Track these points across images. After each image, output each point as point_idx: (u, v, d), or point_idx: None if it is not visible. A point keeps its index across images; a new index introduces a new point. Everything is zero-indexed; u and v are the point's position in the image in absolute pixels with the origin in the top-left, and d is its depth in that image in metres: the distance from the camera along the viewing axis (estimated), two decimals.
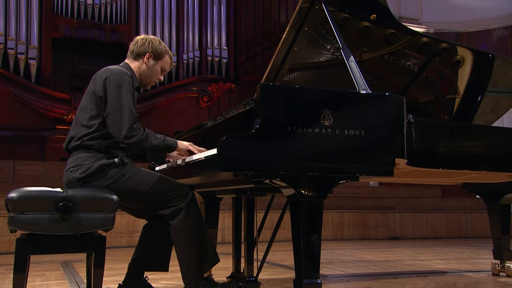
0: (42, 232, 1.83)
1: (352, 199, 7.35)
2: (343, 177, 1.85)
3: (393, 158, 1.87)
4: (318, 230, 1.79)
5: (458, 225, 7.47)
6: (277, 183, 1.79)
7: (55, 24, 9.08)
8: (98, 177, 2.00)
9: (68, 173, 2.03)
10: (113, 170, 2.03)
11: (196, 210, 2.11)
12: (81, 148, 2.04)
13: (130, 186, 2.03)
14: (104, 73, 2.07)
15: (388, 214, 7.14)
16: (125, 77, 2.04)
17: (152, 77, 2.22)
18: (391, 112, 1.89)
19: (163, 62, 2.21)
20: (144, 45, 2.18)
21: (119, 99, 1.99)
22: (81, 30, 9.26)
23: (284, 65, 2.58)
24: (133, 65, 2.19)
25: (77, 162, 2.02)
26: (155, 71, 2.21)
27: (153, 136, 2.04)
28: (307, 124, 1.74)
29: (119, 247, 5.35)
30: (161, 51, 2.20)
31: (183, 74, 9.63)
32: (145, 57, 2.18)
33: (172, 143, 2.11)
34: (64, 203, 1.84)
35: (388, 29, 2.44)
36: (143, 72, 2.19)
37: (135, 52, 2.19)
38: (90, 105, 2.06)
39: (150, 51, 2.18)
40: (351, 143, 1.80)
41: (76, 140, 2.05)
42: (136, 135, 1.99)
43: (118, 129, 1.98)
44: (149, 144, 2.01)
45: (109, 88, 2.00)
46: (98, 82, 2.05)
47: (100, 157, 2.03)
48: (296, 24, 2.40)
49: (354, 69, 2.04)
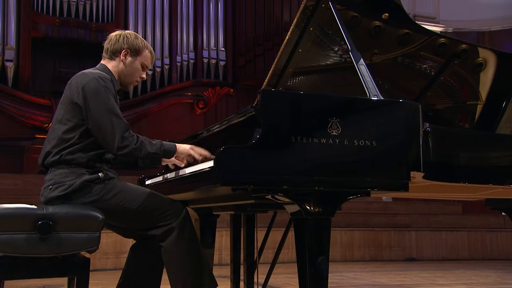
0: (19, 254, 1.82)
1: (363, 216, 7.33)
2: (352, 192, 1.85)
3: (408, 171, 1.87)
4: (325, 250, 1.79)
5: (481, 245, 7.45)
6: (280, 198, 1.79)
7: (35, 23, 9.15)
8: (81, 195, 1.99)
9: (47, 191, 2.02)
10: (97, 186, 2.02)
11: (190, 229, 2.10)
12: (60, 164, 2.02)
13: (116, 203, 2.02)
14: (80, 79, 2.05)
15: (403, 233, 7.12)
16: (106, 82, 2.03)
17: (133, 76, 2.20)
18: (406, 121, 1.90)
19: (142, 57, 2.19)
20: (118, 42, 2.16)
21: (103, 108, 1.98)
22: (63, 30, 9.32)
23: (287, 69, 2.58)
24: (110, 65, 2.18)
25: (57, 179, 2.01)
26: (135, 68, 2.18)
27: (148, 143, 2.02)
28: (313, 133, 1.75)
29: (105, 269, 5.34)
30: (139, 46, 2.18)
31: (177, 78, 9.67)
32: (122, 55, 2.16)
33: (170, 148, 2.08)
34: (43, 221, 1.84)
35: (401, 29, 2.45)
36: (122, 71, 2.17)
37: (110, 51, 2.17)
38: (67, 115, 2.04)
39: (126, 47, 2.16)
40: (362, 155, 1.81)
41: (54, 155, 2.03)
42: (129, 145, 1.97)
43: (109, 141, 1.97)
44: (144, 153, 2.00)
45: (89, 97, 1.99)
46: (75, 90, 2.03)
47: (82, 173, 2.01)
48: (300, 24, 2.41)
49: (364, 73, 2.05)
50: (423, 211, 7.92)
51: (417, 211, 7.90)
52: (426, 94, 2.69)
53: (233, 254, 2.76)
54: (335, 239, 6.51)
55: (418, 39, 2.50)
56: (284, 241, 2.52)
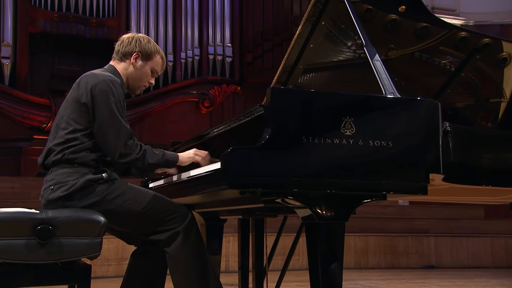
0: (17, 261, 1.84)
1: (378, 221, 7.30)
2: (367, 196, 1.85)
3: (427, 173, 1.86)
4: (339, 257, 1.79)
5: (506, 252, 7.38)
6: (290, 202, 1.79)
7: (33, 18, 9.20)
8: (83, 195, 2.01)
9: (47, 192, 2.04)
10: (101, 187, 2.04)
11: (196, 234, 2.12)
12: (63, 163, 2.05)
13: (120, 204, 2.04)
14: (90, 79, 2.09)
15: (421, 239, 7.08)
16: (116, 86, 2.08)
17: (141, 80, 2.25)
18: (424, 119, 1.89)
19: (153, 62, 2.24)
20: (130, 44, 2.22)
21: (110, 112, 2.03)
22: (62, 25, 9.38)
23: (298, 65, 2.59)
24: (119, 67, 2.22)
25: (59, 179, 2.03)
26: (144, 73, 2.24)
27: (151, 153, 2.07)
28: (325, 133, 1.75)
29: (106, 277, 5.36)
30: (151, 51, 2.23)
31: (181, 75, 9.69)
32: (132, 57, 2.21)
33: (172, 158, 2.13)
34: (43, 226, 1.85)
35: (419, 23, 2.44)
36: (131, 74, 2.22)
37: (121, 52, 2.22)
38: (73, 115, 2.08)
39: (137, 50, 2.21)
40: (377, 156, 1.81)
41: (56, 153, 2.06)
42: (132, 153, 2.02)
43: (112, 147, 2.02)
44: (146, 163, 2.05)
45: (98, 98, 2.03)
46: (84, 90, 2.07)
47: (86, 172, 2.04)
48: (312, 18, 2.42)
49: (379, 69, 2.05)
50: (443, 216, 7.87)
51: (436, 215, 7.85)
52: (445, 91, 2.68)
53: (241, 260, 2.76)
54: (348, 245, 6.49)
55: (437, 33, 2.49)
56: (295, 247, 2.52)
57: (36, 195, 2.14)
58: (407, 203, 8.30)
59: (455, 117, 2.75)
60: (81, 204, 2.01)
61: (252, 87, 9.97)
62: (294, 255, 2.65)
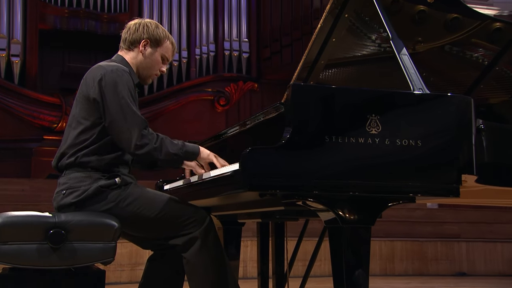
0: (29, 266, 1.86)
1: (406, 224, 7.24)
2: (394, 198, 1.84)
3: (459, 174, 1.84)
4: (364, 263, 1.78)
5: None
6: (312, 205, 1.79)
7: (43, 14, 9.35)
8: (95, 201, 2.03)
9: (59, 196, 2.07)
10: (113, 192, 2.05)
11: (215, 238, 2.12)
12: (76, 166, 2.07)
13: (133, 211, 2.05)
14: (96, 72, 2.08)
15: (451, 244, 7.00)
16: (124, 75, 2.06)
17: (152, 68, 2.23)
18: (455, 117, 1.87)
19: (163, 49, 2.22)
20: (138, 31, 2.19)
21: (120, 102, 2.01)
22: (73, 21, 9.50)
23: (319, 61, 2.59)
24: (127, 57, 2.21)
25: (71, 183, 2.05)
26: (155, 60, 2.21)
27: (170, 143, 2.03)
28: (349, 132, 1.74)
29: (119, 283, 5.42)
30: (160, 36, 2.20)
31: (195, 72, 9.74)
32: (141, 45, 2.19)
33: (193, 150, 2.08)
34: (55, 230, 1.88)
35: (449, 13, 2.42)
36: (140, 63, 2.20)
37: (128, 41, 2.20)
38: (82, 112, 2.08)
39: (146, 37, 2.18)
40: (405, 156, 1.79)
41: (69, 156, 2.08)
42: (149, 143, 1.99)
43: (126, 139, 2.00)
44: (164, 154, 2.00)
45: (106, 90, 2.02)
46: (91, 84, 2.07)
47: (98, 177, 2.05)
48: (334, 10, 2.41)
49: (407, 64, 2.03)
50: (475, 219, 7.77)
51: (468, 219, 7.75)
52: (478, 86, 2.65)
53: (260, 266, 2.76)
54: (374, 250, 6.45)
55: (469, 24, 2.46)
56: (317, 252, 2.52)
57: (47, 198, 2.18)
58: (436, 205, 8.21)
59: (489, 114, 2.72)
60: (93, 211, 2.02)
61: (270, 84, 9.98)
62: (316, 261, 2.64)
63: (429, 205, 8.10)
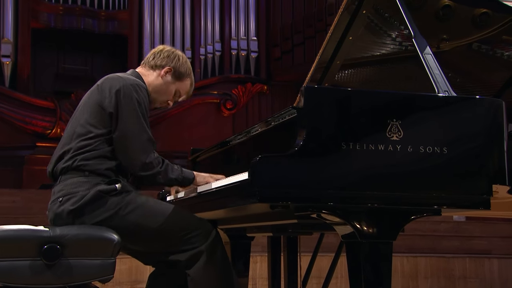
0: (21, 285, 1.86)
1: (430, 239, 7.20)
2: (418, 210, 1.83)
3: (490, 184, 1.83)
4: (385, 281, 1.77)
5: None
6: (327, 217, 1.79)
7: (35, 12, 9.41)
8: (94, 208, 2.04)
9: (55, 205, 2.08)
10: (113, 199, 2.07)
11: (222, 253, 2.13)
12: (73, 170, 2.09)
13: (134, 220, 2.07)
14: (114, 82, 2.16)
15: (481, 260, 6.94)
16: (142, 91, 2.17)
17: (163, 96, 2.35)
18: (485, 121, 1.86)
19: (181, 84, 2.37)
20: (167, 57, 2.34)
21: (136, 119, 2.10)
22: (68, 19, 9.56)
23: (335, 61, 2.59)
24: (146, 74, 2.33)
25: (68, 189, 2.07)
26: (169, 90, 2.35)
27: (171, 168, 2.15)
28: (368, 138, 1.74)
29: None
30: (184, 72, 2.36)
31: (200, 73, 9.76)
32: (164, 70, 2.32)
33: (189, 176, 2.19)
34: (50, 245, 1.88)
35: (477, 8, 2.42)
36: (155, 86, 2.32)
37: (154, 61, 2.34)
38: (92, 119, 2.13)
39: (172, 65, 2.32)
40: (429, 164, 1.78)
41: (66, 160, 2.11)
42: (156, 167, 2.10)
43: (134, 158, 2.09)
44: (167, 178, 2.13)
45: (123, 103, 2.11)
46: (107, 94, 2.14)
47: (97, 182, 2.08)
48: (351, 6, 2.42)
49: (431, 63, 2.03)
50: (507, 234, 7.69)
51: (499, 233, 7.68)
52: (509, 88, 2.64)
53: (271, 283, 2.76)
54: (395, 267, 6.41)
55: (499, 19, 2.46)
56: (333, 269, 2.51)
57: (39, 210, 2.19)
58: (463, 218, 8.15)
59: None
60: (92, 221, 2.04)
61: (280, 86, 9.99)
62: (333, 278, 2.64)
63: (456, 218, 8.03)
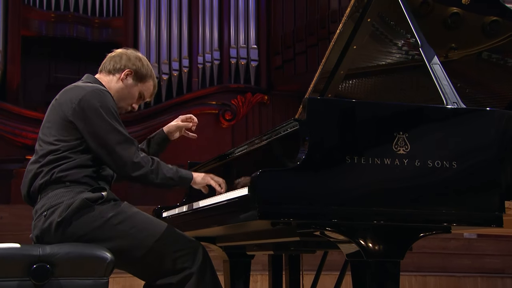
0: None
1: (440, 257, 7.17)
2: (426, 228, 1.83)
3: (501, 200, 1.83)
4: None
5: None
6: (331, 235, 1.78)
7: (26, 19, 9.45)
8: (83, 216, 2.03)
9: (40, 221, 2.06)
10: (102, 207, 2.06)
11: (212, 274, 2.13)
12: (52, 184, 2.08)
13: (125, 230, 2.06)
14: (73, 93, 2.15)
15: (494, 280, 6.92)
16: (106, 95, 2.15)
17: (126, 100, 2.32)
18: (496, 134, 1.87)
19: (144, 86, 2.34)
20: (125, 59, 2.31)
21: (107, 124, 2.08)
22: (60, 27, 9.61)
23: (338, 70, 2.59)
24: (104, 80, 2.30)
25: (51, 202, 2.06)
26: (132, 93, 2.32)
27: (165, 166, 2.13)
28: (374, 152, 1.74)
29: None
30: (146, 73, 2.33)
31: (198, 83, 9.78)
32: (123, 73, 2.29)
33: (187, 175, 2.18)
34: (39, 265, 1.87)
35: (487, 16, 2.43)
36: (116, 90, 2.29)
37: (112, 65, 2.31)
38: (59, 134, 2.12)
39: (132, 67, 2.30)
40: (437, 179, 1.79)
41: (43, 176, 2.09)
42: (145, 166, 2.08)
43: (120, 161, 2.07)
44: (161, 177, 2.10)
45: (88, 112, 2.09)
46: (69, 106, 2.12)
47: (80, 190, 2.07)
48: (355, 14, 2.42)
49: (438, 74, 2.03)
50: None
51: None
52: None
53: None
54: (403, 286, 6.39)
55: (511, 28, 2.46)
56: None
57: (28, 227, 2.17)
58: (474, 235, 8.11)
59: None
60: (82, 231, 2.03)
61: (281, 96, 9.99)
62: None
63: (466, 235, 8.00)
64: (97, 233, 2.04)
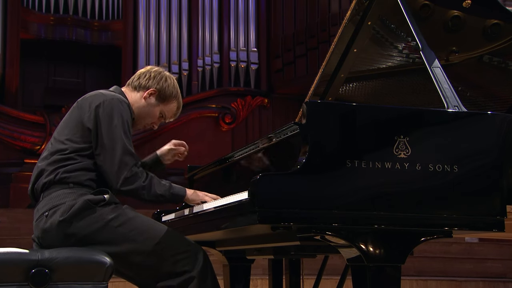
0: None
1: (441, 261, 7.17)
2: (427, 232, 1.83)
3: (503, 204, 1.83)
4: None
5: None
6: (332, 239, 1.78)
7: (25, 22, 9.47)
8: (84, 218, 2.04)
9: (41, 221, 2.07)
10: (103, 210, 2.08)
11: (213, 279, 2.12)
12: (55, 184, 2.10)
13: (125, 233, 2.07)
14: (95, 98, 2.19)
15: (496, 284, 6.91)
16: (124, 106, 2.18)
17: (146, 118, 2.36)
18: (497, 138, 1.87)
19: (166, 106, 2.37)
20: (154, 79, 2.34)
21: (116, 133, 2.11)
22: (59, 29, 9.62)
23: (339, 74, 2.60)
24: (129, 95, 2.33)
25: (53, 202, 2.07)
26: (153, 112, 2.35)
27: (157, 183, 2.15)
28: (374, 156, 1.74)
29: None
30: (169, 94, 2.36)
31: (198, 86, 9.79)
32: (147, 92, 2.32)
33: (180, 192, 2.20)
34: (38, 269, 1.87)
35: (489, 19, 2.43)
36: (138, 107, 2.33)
37: (138, 82, 2.35)
38: (72, 135, 2.15)
39: (156, 87, 2.33)
40: (438, 183, 1.79)
41: (47, 175, 2.12)
42: (137, 181, 2.09)
43: (114, 173, 2.09)
44: (151, 194, 2.12)
45: (102, 118, 2.13)
46: (86, 109, 2.16)
47: (83, 192, 2.09)
48: (355, 17, 2.43)
49: (439, 77, 2.04)
50: None
51: None
52: None
53: None
54: None
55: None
56: None
57: (27, 231, 2.18)
58: (476, 240, 8.10)
59: None
60: (83, 232, 2.04)
61: (282, 99, 10.00)
62: None
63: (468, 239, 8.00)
64: (97, 235, 2.05)
